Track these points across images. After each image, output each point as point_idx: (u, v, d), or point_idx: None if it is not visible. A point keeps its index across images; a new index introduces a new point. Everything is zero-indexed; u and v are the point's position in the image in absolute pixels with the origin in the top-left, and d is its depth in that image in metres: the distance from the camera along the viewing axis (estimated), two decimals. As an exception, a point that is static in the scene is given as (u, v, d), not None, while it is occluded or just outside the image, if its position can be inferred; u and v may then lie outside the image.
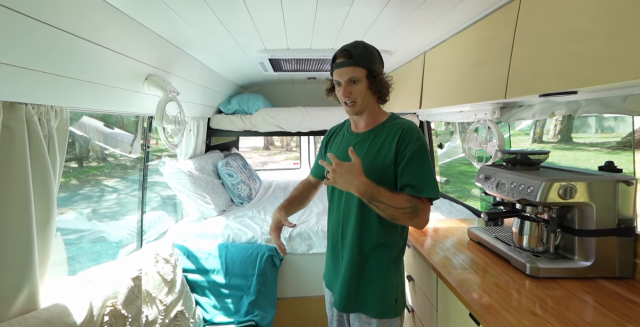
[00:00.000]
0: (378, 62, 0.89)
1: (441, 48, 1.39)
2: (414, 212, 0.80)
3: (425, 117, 2.25)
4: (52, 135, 0.80)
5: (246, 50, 1.58)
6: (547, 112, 1.06)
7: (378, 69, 0.88)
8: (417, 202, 0.81)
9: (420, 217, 0.81)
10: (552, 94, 0.81)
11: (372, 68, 0.87)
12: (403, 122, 0.90)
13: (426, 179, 0.82)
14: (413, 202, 0.80)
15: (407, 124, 0.88)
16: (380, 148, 0.88)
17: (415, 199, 0.81)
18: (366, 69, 0.86)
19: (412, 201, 0.80)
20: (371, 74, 0.87)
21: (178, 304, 1.16)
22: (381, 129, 0.91)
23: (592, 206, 0.85)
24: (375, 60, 0.88)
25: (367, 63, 0.86)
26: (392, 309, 0.91)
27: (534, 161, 1.04)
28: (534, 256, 0.95)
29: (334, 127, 1.08)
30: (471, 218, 1.68)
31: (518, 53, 0.87)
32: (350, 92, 0.87)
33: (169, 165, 1.76)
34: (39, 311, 0.75)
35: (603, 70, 0.63)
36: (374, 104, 0.92)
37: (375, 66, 0.87)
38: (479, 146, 1.47)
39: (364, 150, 0.90)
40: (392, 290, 0.91)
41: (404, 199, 0.80)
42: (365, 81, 0.87)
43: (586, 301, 0.78)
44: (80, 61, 0.84)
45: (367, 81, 0.87)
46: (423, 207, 0.82)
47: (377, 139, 0.89)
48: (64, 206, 2.81)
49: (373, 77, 0.87)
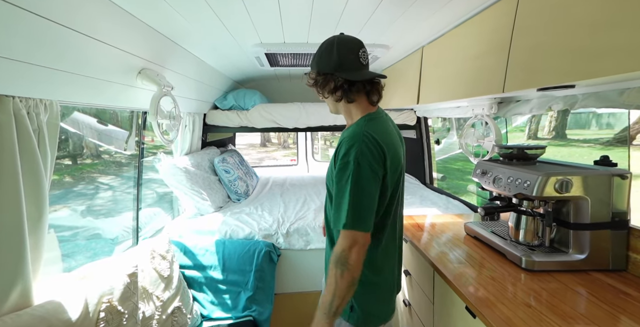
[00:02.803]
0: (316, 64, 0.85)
1: (439, 42, 1.38)
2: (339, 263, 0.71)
3: (422, 113, 2.25)
4: (42, 129, 0.78)
5: (242, 44, 1.56)
6: (545, 106, 1.06)
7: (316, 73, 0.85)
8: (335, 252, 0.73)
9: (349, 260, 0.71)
10: (550, 88, 0.81)
11: (313, 72, 0.86)
12: (354, 127, 0.80)
13: (345, 208, 0.72)
14: (333, 259, 0.73)
15: (350, 133, 0.78)
16: (332, 160, 0.82)
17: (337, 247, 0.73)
18: (311, 72, 0.87)
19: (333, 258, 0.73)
20: (312, 78, 0.86)
21: (175, 300, 1.16)
22: (339, 142, 0.82)
23: (588, 199, 0.86)
24: (319, 64, 0.84)
25: (312, 67, 0.87)
26: (347, 313, 0.83)
27: (531, 156, 1.05)
28: (529, 250, 0.96)
29: None
30: (467, 213, 1.69)
31: (517, 46, 0.87)
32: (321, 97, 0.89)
33: (164, 161, 1.75)
34: (32, 307, 0.74)
35: (602, 63, 0.63)
36: (343, 105, 0.86)
37: (316, 70, 0.85)
38: (476, 142, 1.47)
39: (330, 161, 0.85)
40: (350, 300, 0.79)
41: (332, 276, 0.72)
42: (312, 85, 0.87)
43: (580, 293, 0.79)
44: (71, 53, 0.82)
45: (312, 85, 0.87)
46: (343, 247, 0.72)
47: (335, 151, 0.81)
48: (59, 203, 2.77)
49: (314, 81, 0.86)
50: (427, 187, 2.45)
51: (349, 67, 0.82)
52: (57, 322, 0.75)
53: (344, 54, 0.82)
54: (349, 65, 0.82)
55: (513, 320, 0.69)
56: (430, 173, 2.55)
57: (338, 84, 0.82)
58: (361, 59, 0.83)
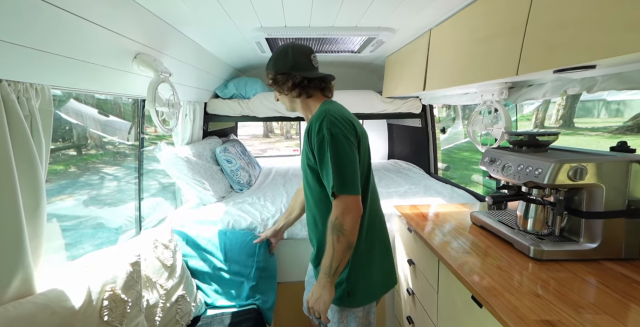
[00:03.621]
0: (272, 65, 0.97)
1: (449, 24, 1.31)
2: (336, 230, 0.80)
3: (428, 101, 2.19)
4: (34, 116, 0.75)
5: (242, 28, 1.50)
6: (559, 90, 1.01)
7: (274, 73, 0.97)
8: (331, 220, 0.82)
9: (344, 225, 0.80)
10: (568, 69, 0.76)
11: (271, 72, 0.98)
12: (317, 111, 0.90)
13: (331, 175, 0.80)
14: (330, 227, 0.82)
15: (315, 115, 0.88)
16: (306, 143, 0.90)
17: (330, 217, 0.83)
18: (268, 73, 0.99)
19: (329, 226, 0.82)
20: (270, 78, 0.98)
21: (179, 288, 1.16)
22: (308, 125, 0.90)
23: (602, 187, 0.83)
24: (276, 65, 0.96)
25: (268, 68, 0.99)
26: (346, 300, 0.91)
27: (542, 143, 1.01)
28: (538, 239, 0.94)
29: None
30: (473, 203, 1.66)
31: (534, 24, 0.81)
32: (276, 97, 1.03)
33: (165, 151, 1.72)
34: (35, 295, 0.74)
35: (626, 38, 0.58)
36: (301, 101, 0.97)
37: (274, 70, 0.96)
38: (484, 129, 1.43)
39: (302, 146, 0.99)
40: (344, 280, 0.90)
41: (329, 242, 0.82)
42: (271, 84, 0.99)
43: (590, 282, 0.77)
44: (62, 35, 0.78)
45: (271, 84, 0.99)
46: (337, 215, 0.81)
47: (305, 135, 0.90)
48: (64, 193, 2.79)
49: (273, 80, 0.98)
50: (432, 176, 2.42)
51: (303, 67, 0.94)
52: (61, 310, 0.74)
53: (298, 56, 0.95)
54: (303, 66, 0.95)
55: (521, 309, 0.68)
56: (435, 162, 2.51)
57: (296, 81, 0.93)
58: (313, 63, 0.97)
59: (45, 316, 0.71)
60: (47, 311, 0.72)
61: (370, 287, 0.93)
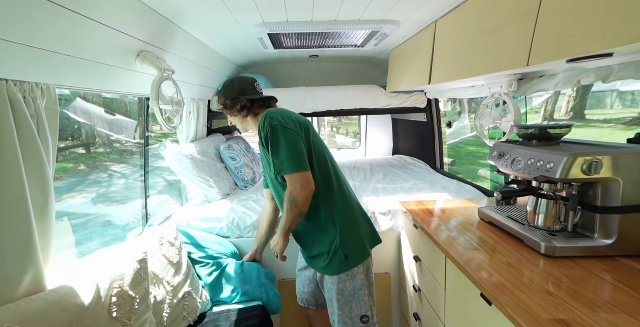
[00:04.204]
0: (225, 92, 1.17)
1: (455, 14, 1.27)
2: (291, 202, 0.98)
3: (433, 95, 2.15)
4: (40, 115, 0.75)
5: (244, 24, 1.48)
6: (572, 81, 0.97)
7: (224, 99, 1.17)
8: (287, 195, 0.98)
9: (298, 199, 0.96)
10: (582, 58, 0.73)
11: (222, 99, 1.18)
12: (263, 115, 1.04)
13: (279, 160, 0.96)
14: (286, 199, 0.99)
15: (263, 115, 1.03)
16: (260, 147, 1.05)
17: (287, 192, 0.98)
18: (219, 100, 1.21)
19: (286, 200, 0.99)
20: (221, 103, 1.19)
21: (185, 285, 1.17)
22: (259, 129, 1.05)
23: (619, 181, 0.80)
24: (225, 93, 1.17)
25: (219, 96, 1.19)
26: (344, 263, 1.04)
27: (554, 136, 0.97)
28: (549, 235, 0.91)
29: None
30: (480, 198, 1.63)
31: (547, 10, 0.77)
32: (230, 121, 1.23)
33: (170, 149, 1.73)
34: (46, 292, 0.75)
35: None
36: (251, 119, 1.16)
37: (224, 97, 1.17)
38: (492, 123, 1.39)
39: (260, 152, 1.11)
40: (338, 248, 1.04)
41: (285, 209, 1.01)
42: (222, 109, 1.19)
43: (606, 280, 0.75)
44: (66, 34, 0.78)
45: (222, 109, 1.19)
46: (290, 191, 0.97)
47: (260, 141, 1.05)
48: (73, 191, 2.85)
49: (224, 105, 1.18)
50: (438, 172, 2.39)
51: (248, 92, 1.15)
52: (71, 307, 0.76)
53: (243, 84, 1.16)
54: (249, 91, 1.15)
55: (532, 308, 0.66)
56: (441, 158, 2.47)
57: (243, 104, 1.13)
58: (257, 88, 1.18)
59: (57, 312, 0.73)
60: (58, 307, 0.74)
61: (362, 246, 1.09)
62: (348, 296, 1.06)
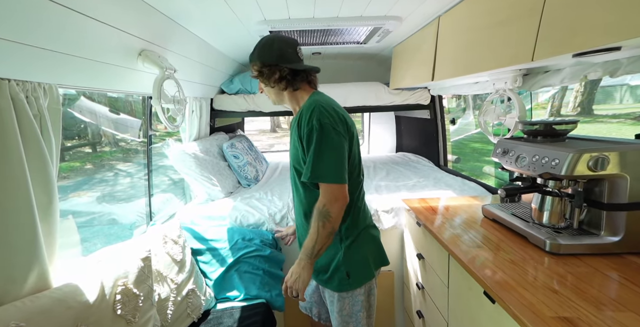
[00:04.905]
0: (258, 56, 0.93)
1: (458, 9, 1.25)
2: (322, 217, 0.83)
3: (437, 91, 2.12)
4: (43, 114, 0.76)
5: (245, 22, 1.47)
6: (579, 76, 0.95)
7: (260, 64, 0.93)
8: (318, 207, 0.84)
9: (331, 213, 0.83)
10: (589, 52, 0.71)
11: (257, 63, 0.94)
12: (307, 102, 0.90)
13: (319, 165, 0.83)
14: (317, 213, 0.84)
15: (305, 106, 0.89)
16: (295, 135, 0.90)
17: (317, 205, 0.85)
18: (253, 64, 0.95)
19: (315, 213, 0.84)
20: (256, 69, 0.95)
21: (189, 282, 1.18)
22: (299, 114, 0.91)
23: (626, 177, 0.78)
24: (262, 56, 0.92)
25: (253, 59, 0.95)
26: (346, 282, 0.93)
27: (560, 132, 0.96)
28: (554, 232, 0.90)
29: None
30: (484, 195, 1.62)
31: (552, 4, 0.75)
32: (260, 88, 1.02)
33: (173, 147, 1.74)
34: (51, 290, 0.76)
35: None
36: (286, 91, 0.95)
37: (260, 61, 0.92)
38: (496, 119, 1.37)
39: (291, 138, 0.95)
40: (341, 264, 0.93)
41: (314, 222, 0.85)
42: (256, 76, 0.96)
43: (612, 278, 0.73)
44: (67, 34, 0.78)
45: (257, 75, 0.95)
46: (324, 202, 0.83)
47: (295, 125, 0.90)
48: (80, 190, 2.88)
49: (259, 72, 0.94)
50: (441, 169, 2.37)
51: (289, 59, 0.92)
52: (75, 304, 0.77)
53: (284, 47, 0.92)
54: (289, 58, 0.92)
55: (536, 306, 0.65)
56: (445, 155, 2.45)
57: (283, 74, 0.91)
58: (299, 54, 0.94)
59: (62, 309, 0.74)
60: (63, 305, 0.75)
61: (366, 265, 0.96)
62: (345, 316, 0.96)
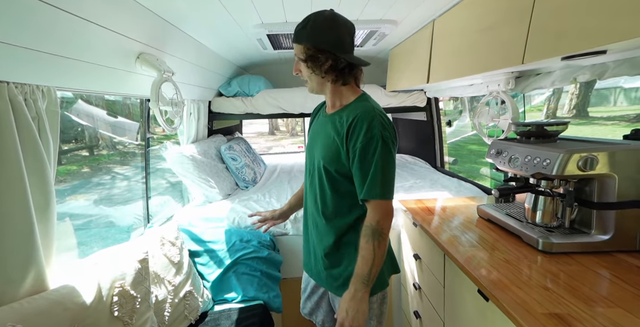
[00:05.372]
0: (322, 39, 0.78)
1: (452, 13, 1.28)
2: (375, 235, 0.77)
3: (433, 94, 2.15)
4: (41, 116, 0.77)
5: (243, 25, 1.49)
6: (569, 78, 0.97)
7: (317, 48, 0.78)
8: (369, 225, 0.78)
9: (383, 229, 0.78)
10: (577, 56, 0.73)
11: (309, 46, 0.78)
12: (362, 106, 0.80)
13: (374, 180, 0.76)
14: (368, 232, 0.77)
15: (362, 110, 0.78)
16: (336, 135, 0.81)
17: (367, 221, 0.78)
18: (304, 46, 0.79)
19: (367, 231, 0.78)
20: (308, 52, 0.79)
21: (186, 284, 1.18)
22: (342, 112, 0.83)
23: (615, 177, 0.80)
24: (318, 37, 0.78)
25: (305, 39, 0.79)
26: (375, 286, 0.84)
27: (551, 133, 0.98)
28: (547, 231, 0.91)
29: (318, 106, 0.99)
30: (480, 196, 1.63)
31: (540, 9, 0.78)
32: (298, 69, 0.85)
33: (171, 150, 1.75)
34: (48, 292, 0.77)
35: (639, 20, 0.55)
36: (332, 84, 0.83)
37: (315, 44, 0.78)
38: (490, 120, 1.39)
39: (324, 135, 0.85)
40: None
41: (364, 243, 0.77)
42: (306, 60, 0.80)
43: (603, 275, 0.75)
44: (66, 37, 0.80)
45: (307, 60, 0.80)
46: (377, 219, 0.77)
47: (336, 124, 0.82)
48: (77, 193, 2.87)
49: (311, 57, 0.79)
50: (438, 170, 2.39)
51: (346, 49, 0.80)
52: (72, 306, 0.77)
53: (344, 34, 0.79)
54: (346, 47, 0.80)
55: (529, 303, 0.66)
56: (442, 156, 2.47)
57: (340, 66, 0.79)
58: (354, 43, 0.83)
59: (59, 311, 0.74)
60: (60, 306, 0.75)
61: (381, 274, 0.88)
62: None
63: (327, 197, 0.86)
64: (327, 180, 0.85)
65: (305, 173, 0.96)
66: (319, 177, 0.87)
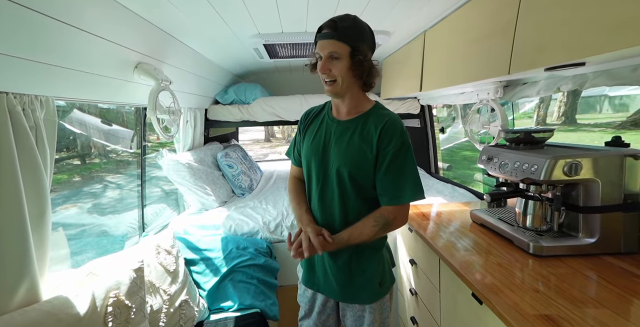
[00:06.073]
0: (367, 42, 0.79)
1: (442, 25, 1.33)
2: (385, 227, 0.81)
3: (426, 101, 2.20)
4: (39, 126, 0.77)
5: (240, 35, 1.53)
6: (553, 87, 1.02)
7: (364, 49, 0.77)
8: (387, 217, 0.81)
9: (394, 226, 0.83)
10: (559, 67, 0.77)
11: (357, 46, 0.76)
12: (388, 113, 0.84)
13: (407, 183, 0.80)
14: (382, 221, 0.81)
15: (391, 117, 0.82)
16: (362, 141, 0.82)
17: (386, 213, 0.81)
18: (350, 46, 0.76)
19: (381, 220, 0.81)
20: (355, 53, 0.76)
21: (182, 293, 1.17)
22: (365, 119, 0.83)
23: (598, 182, 0.83)
24: (363, 39, 0.78)
25: (352, 39, 0.76)
26: (377, 291, 0.90)
27: (538, 139, 1.01)
28: (537, 235, 0.94)
29: (312, 109, 0.96)
30: (474, 201, 1.66)
31: (523, 24, 0.83)
32: (329, 69, 0.78)
33: (167, 157, 1.75)
34: (40, 303, 0.75)
35: (613, 36, 0.60)
36: (357, 89, 0.84)
37: (362, 45, 0.77)
38: (481, 127, 1.43)
39: (345, 141, 0.84)
40: (377, 275, 0.90)
41: (371, 224, 0.81)
42: (348, 60, 0.77)
43: (590, 277, 0.77)
44: (64, 48, 0.81)
45: (350, 60, 0.77)
46: (396, 216, 0.82)
47: (360, 131, 0.82)
48: (68, 203, 2.82)
49: (357, 57, 0.76)
50: (433, 176, 2.42)
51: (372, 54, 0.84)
52: (66, 317, 0.76)
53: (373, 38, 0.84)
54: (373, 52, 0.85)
55: (520, 305, 0.68)
56: (436, 162, 2.51)
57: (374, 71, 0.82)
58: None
59: (51, 323, 0.73)
60: (52, 318, 0.73)
61: (390, 269, 0.97)
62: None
63: (349, 204, 0.85)
64: (352, 187, 0.83)
65: (312, 182, 0.90)
66: (340, 184, 0.84)
